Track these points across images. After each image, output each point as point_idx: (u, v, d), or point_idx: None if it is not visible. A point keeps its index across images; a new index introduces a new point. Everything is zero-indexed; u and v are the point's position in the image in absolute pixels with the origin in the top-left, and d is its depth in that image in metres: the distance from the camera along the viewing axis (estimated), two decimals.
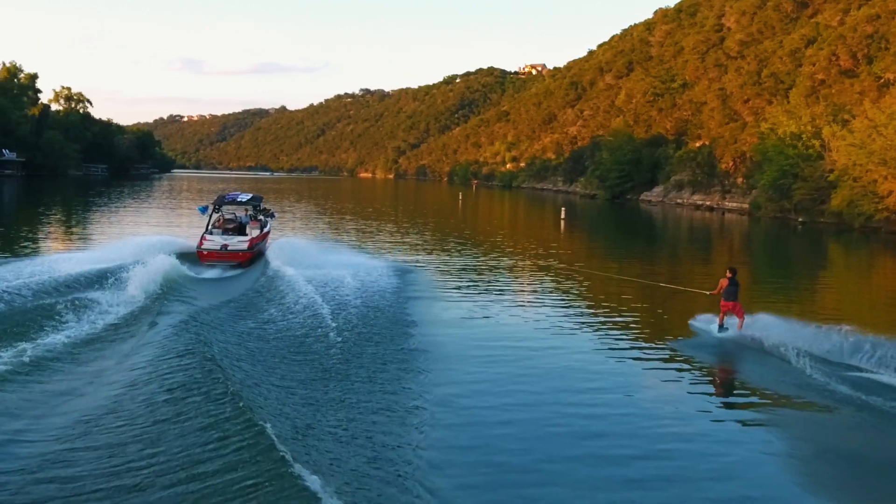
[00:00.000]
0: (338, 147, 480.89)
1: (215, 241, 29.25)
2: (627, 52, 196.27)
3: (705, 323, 20.16)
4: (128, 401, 11.93)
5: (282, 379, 13.77)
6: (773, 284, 32.85)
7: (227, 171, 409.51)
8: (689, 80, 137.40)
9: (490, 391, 14.17)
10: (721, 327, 19.36)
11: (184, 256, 27.11)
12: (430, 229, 55.39)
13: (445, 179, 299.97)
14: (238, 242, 29.52)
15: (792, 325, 18.71)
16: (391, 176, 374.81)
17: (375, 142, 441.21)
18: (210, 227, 31.39)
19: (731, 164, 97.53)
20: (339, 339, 16.59)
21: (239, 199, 33.62)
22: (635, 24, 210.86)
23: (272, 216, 37.16)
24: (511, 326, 20.25)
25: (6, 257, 27.90)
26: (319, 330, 17.31)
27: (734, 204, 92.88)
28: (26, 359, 14.00)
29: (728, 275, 19.28)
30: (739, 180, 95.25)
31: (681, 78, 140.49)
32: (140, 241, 29.95)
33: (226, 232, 31.25)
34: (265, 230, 33.01)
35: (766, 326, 18.88)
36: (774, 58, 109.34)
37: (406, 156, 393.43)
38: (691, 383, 15.66)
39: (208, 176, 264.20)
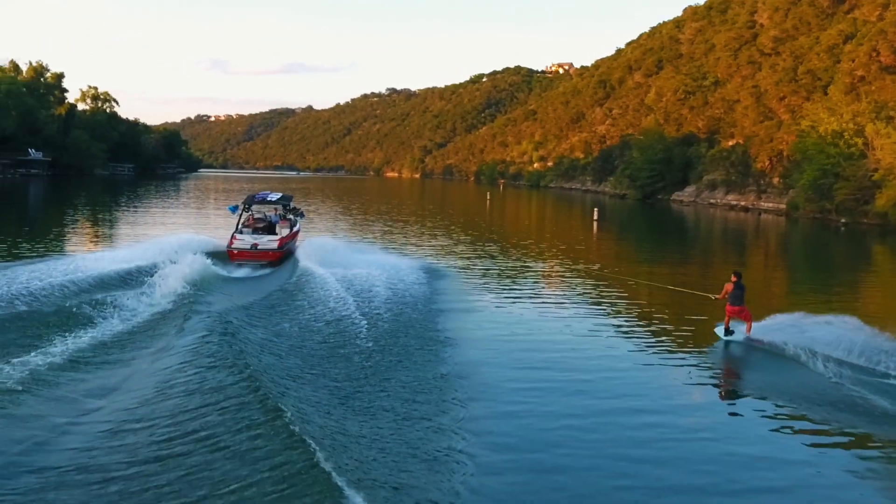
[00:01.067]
0: (364, 146, 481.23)
1: (245, 241, 29.21)
2: (657, 50, 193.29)
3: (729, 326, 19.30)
4: (154, 406, 11.44)
5: (296, 402, 11.76)
6: (820, 288, 30.89)
7: (254, 171, 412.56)
8: (720, 78, 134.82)
9: (542, 430, 11.90)
10: (727, 331, 18.84)
11: (214, 255, 26.73)
12: (459, 230, 53.79)
13: (472, 179, 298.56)
14: (268, 242, 29.45)
15: (876, 335, 16.90)
16: (417, 175, 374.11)
17: (402, 141, 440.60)
18: (240, 226, 31.56)
19: (766, 163, 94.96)
20: (368, 362, 14.86)
21: (269, 199, 33.80)
22: (664, 22, 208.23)
23: (301, 216, 37.11)
24: (555, 346, 18.02)
25: (34, 257, 27.77)
26: (342, 350, 15.61)
27: (770, 204, 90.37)
28: (55, 360, 13.73)
29: (733, 279, 18.75)
30: (776, 180, 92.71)
31: (712, 76, 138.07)
32: (170, 240, 30.09)
33: (256, 231, 31.21)
34: (294, 229, 32.96)
35: (846, 329, 17.33)
36: (811, 54, 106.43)
37: (432, 155, 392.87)
38: (764, 415, 13.56)
39: (235, 175, 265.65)
